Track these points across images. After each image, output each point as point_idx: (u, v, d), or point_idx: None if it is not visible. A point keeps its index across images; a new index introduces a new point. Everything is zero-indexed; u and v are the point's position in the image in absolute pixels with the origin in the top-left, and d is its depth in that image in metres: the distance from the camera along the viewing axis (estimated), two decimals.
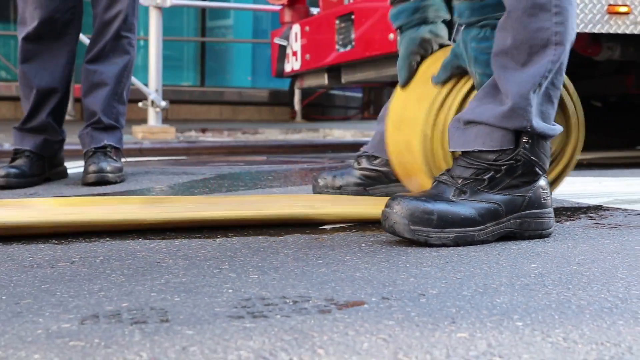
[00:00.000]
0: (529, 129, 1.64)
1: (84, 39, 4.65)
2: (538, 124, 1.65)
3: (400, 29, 1.95)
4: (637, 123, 6.21)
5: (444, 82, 1.83)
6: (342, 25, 4.91)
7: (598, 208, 2.21)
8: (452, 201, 1.62)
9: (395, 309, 1.11)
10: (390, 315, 1.07)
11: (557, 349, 0.93)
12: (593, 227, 1.86)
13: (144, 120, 6.89)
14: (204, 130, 7.79)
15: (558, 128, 1.71)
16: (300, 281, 1.28)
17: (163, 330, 1.00)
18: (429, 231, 1.57)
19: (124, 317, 1.06)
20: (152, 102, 6.64)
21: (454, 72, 1.82)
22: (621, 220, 1.97)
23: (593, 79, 5.19)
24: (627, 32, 3.77)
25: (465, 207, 1.61)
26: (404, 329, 1.01)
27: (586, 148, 6.07)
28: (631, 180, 3.10)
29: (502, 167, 1.65)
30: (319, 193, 2.31)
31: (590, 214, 2.08)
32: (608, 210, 2.16)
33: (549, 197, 1.72)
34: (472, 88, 1.82)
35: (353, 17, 4.79)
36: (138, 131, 6.54)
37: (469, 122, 1.69)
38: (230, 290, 1.22)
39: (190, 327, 1.02)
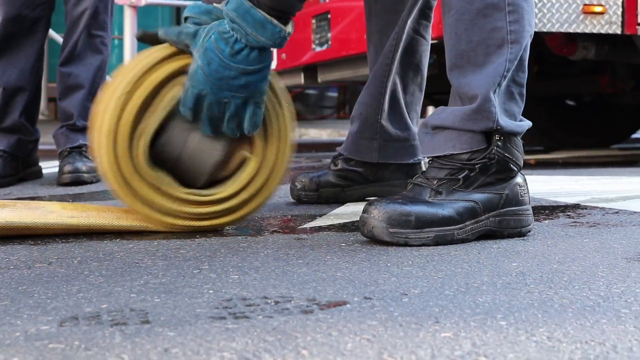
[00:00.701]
0: (498, 128, 1.64)
1: (59, 38, 4.61)
2: (505, 122, 1.66)
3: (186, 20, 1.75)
4: (610, 122, 6.26)
5: (165, 41, 1.70)
6: (319, 24, 4.91)
7: (576, 207, 2.22)
8: (429, 202, 1.61)
9: (378, 308, 1.10)
10: (373, 315, 1.06)
11: (541, 348, 0.93)
12: (572, 225, 1.87)
13: None
14: None
15: (526, 124, 1.72)
16: (281, 281, 1.27)
17: (144, 331, 0.99)
18: (408, 232, 1.56)
19: (103, 319, 1.05)
20: None
21: (182, 47, 1.67)
22: (599, 218, 1.98)
23: (568, 78, 5.22)
24: (602, 31, 3.80)
25: (443, 207, 1.60)
26: (387, 329, 1.00)
27: (561, 147, 6.13)
28: (607, 179, 3.12)
29: (476, 166, 1.65)
30: (298, 196, 2.30)
31: (569, 213, 2.09)
32: (586, 208, 2.17)
33: (526, 194, 1.72)
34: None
35: (329, 16, 4.78)
36: None
37: (436, 127, 1.69)
38: (210, 291, 1.20)
39: (171, 328, 1.00)
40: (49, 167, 3.57)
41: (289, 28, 1.63)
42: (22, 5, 3.01)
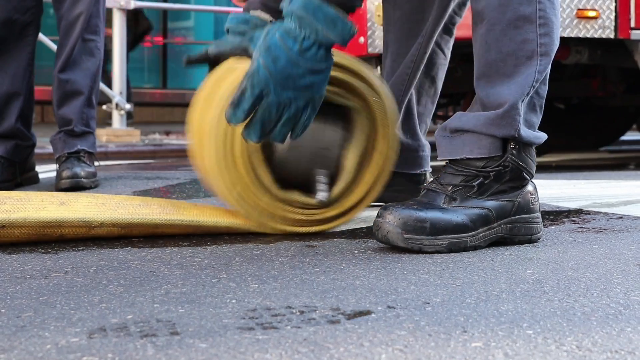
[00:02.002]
0: (517, 137, 1.65)
1: (51, 43, 4.60)
2: (525, 132, 1.67)
3: (227, 31, 1.81)
4: (598, 125, 6.31)
5: (220, 56, 1.75)
6: None
7: (579, 212, 2.23)
8: (444, 208, 1.62)
9: (404, 318, 1.11)
10: (401, 325, 1.07)
11: (573, 357, 0.94)
12: (578, 231, 1.88)
13: (107, 123, 6.83)
14: (167, 133, 7.75)
15: (542, 136, 1.73)
16: (301, 290, 1.28)
17: (175, 343, 0.99)
18: (423, 239, 1.57)
19: (132, 330, 1.05)
20: (117, 105, 6.58)
21: (240, 53, 1.71)
22: (604, 224, 2.00)
23: (559, 82, 5.25)
24: (596, 36, 3.82)
25: (457, 214, 1.61)
26: (417, 339, 1.00)
27: (551, 150, 6.15)
28: (604, 183, 3.14)
29: (491, 174, 1.66)
30: None
31: (573, 218, 2.10)
32: (589, 214, 2.19)
33: (536, 202, 1.74)
34: None
35: None
36: (102, 134, 6.47)
37: (456, 131, 1.70)
38: (233, 301, 1.20)
39: (202, 339, 1.01)
40: (42, 171, 3.56)
41: (354, 25, 1.61)
42: (13, 10, 2.99)
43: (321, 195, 1.76)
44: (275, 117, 1.56)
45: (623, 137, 6.86)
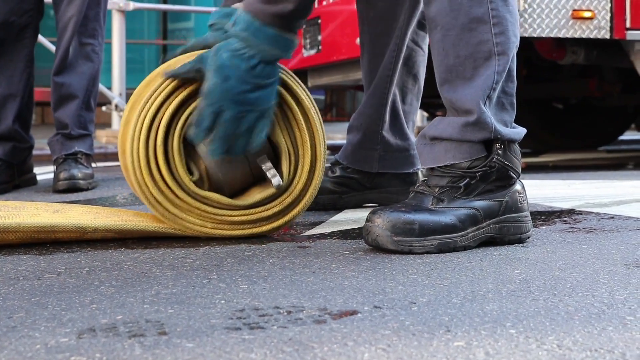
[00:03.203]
0: (498, 137, 1.67)
1: (50, 45, 4.61)
2: (504, 130, 1.69)
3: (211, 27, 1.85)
4: (597, 124, 6.32)
5: (175, 78, 1.75)
6: (309, 29, 4.93)
7: (571, 212, 2.25)
8: (432, 210, 1.64)
9: (389, 317, 1.12)
10: (385, 325, 1.09)
11: (552, 356, 0.95)
12: (569, 231, 1.90)
13: (107, 124, 6.85)
14: None
15: (522, 130, 1.75)
16: (290, 290, 1.29)
17: (163, 343, 1.01)
18: (412, 241, 1.59)
19: (120, 330, 1.07)
20: (116, 106, 6.60)
21: (194, 75, 1.73)
22: (595, 224, 2.01)
23: (556, 82, 5.27)
24: (591, 36, 3.84)
25: (445, 215, 1.63)
26: (401, 339, 1.02)
27: (549, 149, 6.15)
28: (599, 183, 3.15)
29: (477, 174, 1.67)
30: None
31: (564, 218, 2.12)
32: (581, 214, 2.20)
33: (525, 201, 1.75)
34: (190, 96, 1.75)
35: (319, 21, 4.81)
36: (102, 135, 6.49)
37: (435, 138, 1.71)
38: (222, 301, 1.22)
39: (189, 339, 1.02)
40: (41, 172, 3.58)
41: (296, 38, 1.74)
42: (10, 12, 3.01)
43: (275, 180, 1.78)
44: (234, 130, 1.70)
45: (622, 137, 6.87)
